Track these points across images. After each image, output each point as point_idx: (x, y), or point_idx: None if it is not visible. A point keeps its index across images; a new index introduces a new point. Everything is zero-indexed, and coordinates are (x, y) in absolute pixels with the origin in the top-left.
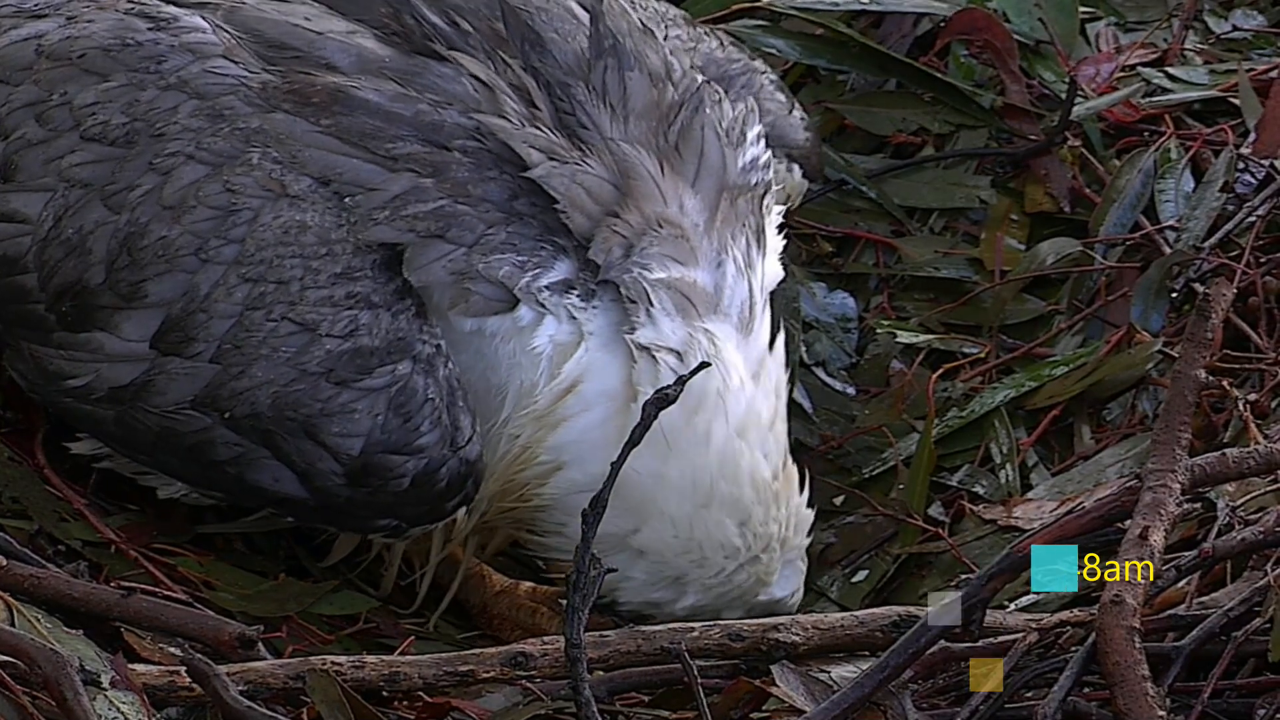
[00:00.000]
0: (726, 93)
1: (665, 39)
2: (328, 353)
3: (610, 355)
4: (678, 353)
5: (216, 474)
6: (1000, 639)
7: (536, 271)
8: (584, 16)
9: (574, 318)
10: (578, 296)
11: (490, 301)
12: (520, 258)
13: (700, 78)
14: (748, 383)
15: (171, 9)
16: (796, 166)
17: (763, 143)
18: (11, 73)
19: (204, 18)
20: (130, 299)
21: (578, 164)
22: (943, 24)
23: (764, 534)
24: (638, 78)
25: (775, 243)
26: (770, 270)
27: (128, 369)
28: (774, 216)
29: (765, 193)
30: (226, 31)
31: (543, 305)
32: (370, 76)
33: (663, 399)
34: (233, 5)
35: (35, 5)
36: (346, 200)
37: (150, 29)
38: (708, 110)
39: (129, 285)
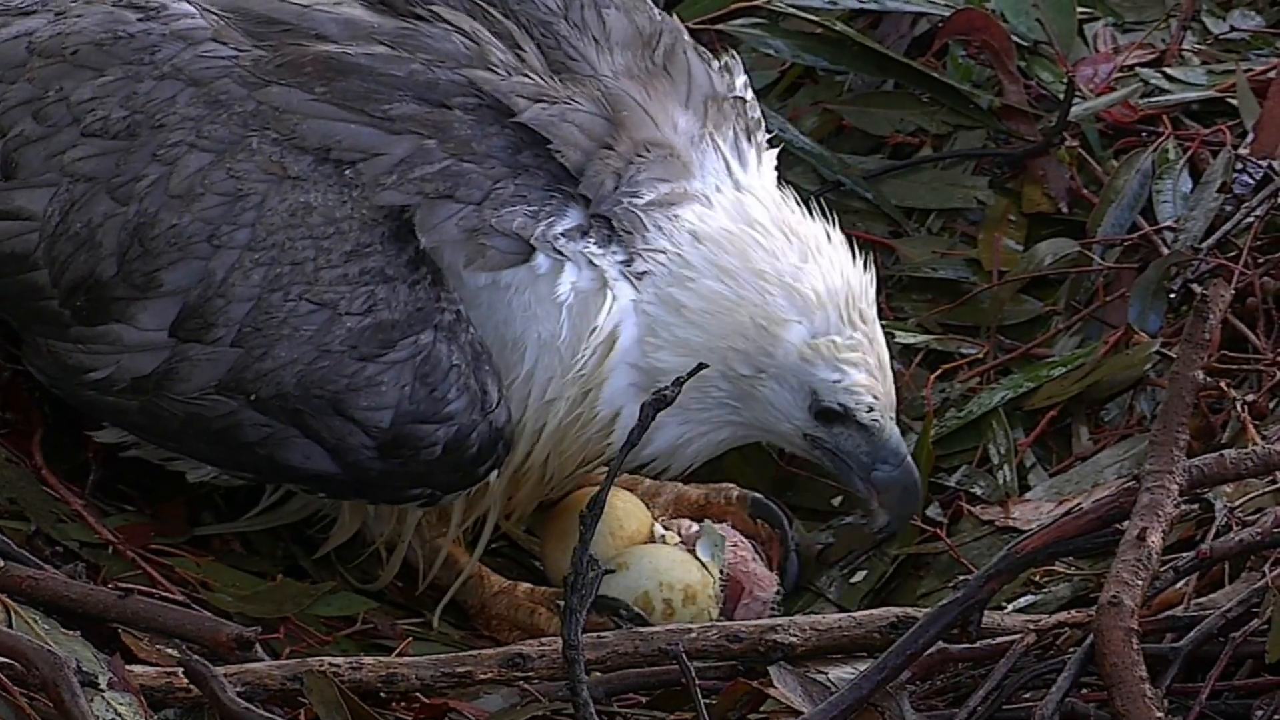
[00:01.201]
0: None
1: None
2: (349, 330)
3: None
4: None
5: (246, 455)
6: (998, 640)
7: (550, 220)
8: None
9: (594, 264)
10: (594, 242)
11: (506, 255)
12: (531, 208)
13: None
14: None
15: None
16: None
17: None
18: (4, 71)
19: (190, 2)
20: (145, 289)
21: (566, 103)
22: (941, 24)
23: None
24: (614, 12)
25: (764, 138)
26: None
27: (148, 358)
28: (760, 125)
29: (747, 101)
30: (214, 13)
31: (559, 253)
32: (361, 42)
33: (661, 400)
34: None
35: (21, 2)
36: (348, 171)
37: (140, 19)
38: (685, 35)
39: (143, 275)
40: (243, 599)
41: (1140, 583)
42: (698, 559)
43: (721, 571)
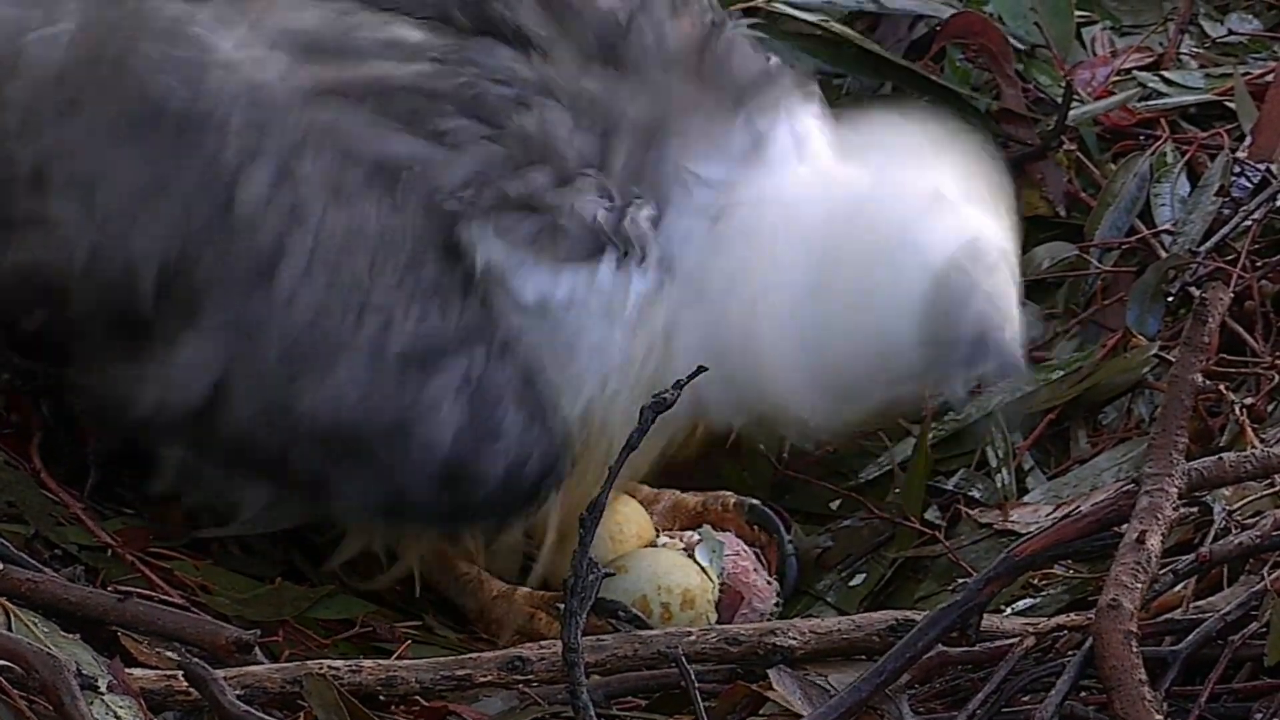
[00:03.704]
0: None
1: None
2: (405, 349)
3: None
4: None
5: (298, 485)
6: (997, 643)
7: (622, 215)
8: None
9: (656, 261)
10: (660, 239)
11: (575, 249)
12: (604, 203)
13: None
14: None
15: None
16: None
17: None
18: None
19: (232, 30)
20: (189, 317)
21: (629, 106)
22: (939, 27)
23: None
24: (669, 17)
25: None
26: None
27: (195, 390)
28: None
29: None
30: (258, 39)
31: (629, 245)
32: (407, 61)
33: (660, 403)
34: (259, 14)
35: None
36: (401, 186)
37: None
38: (731, 28)
39: (186, 305)
40: (240, 603)
41: (1139, 586)
42: (697, 563)
43: (720, 578)
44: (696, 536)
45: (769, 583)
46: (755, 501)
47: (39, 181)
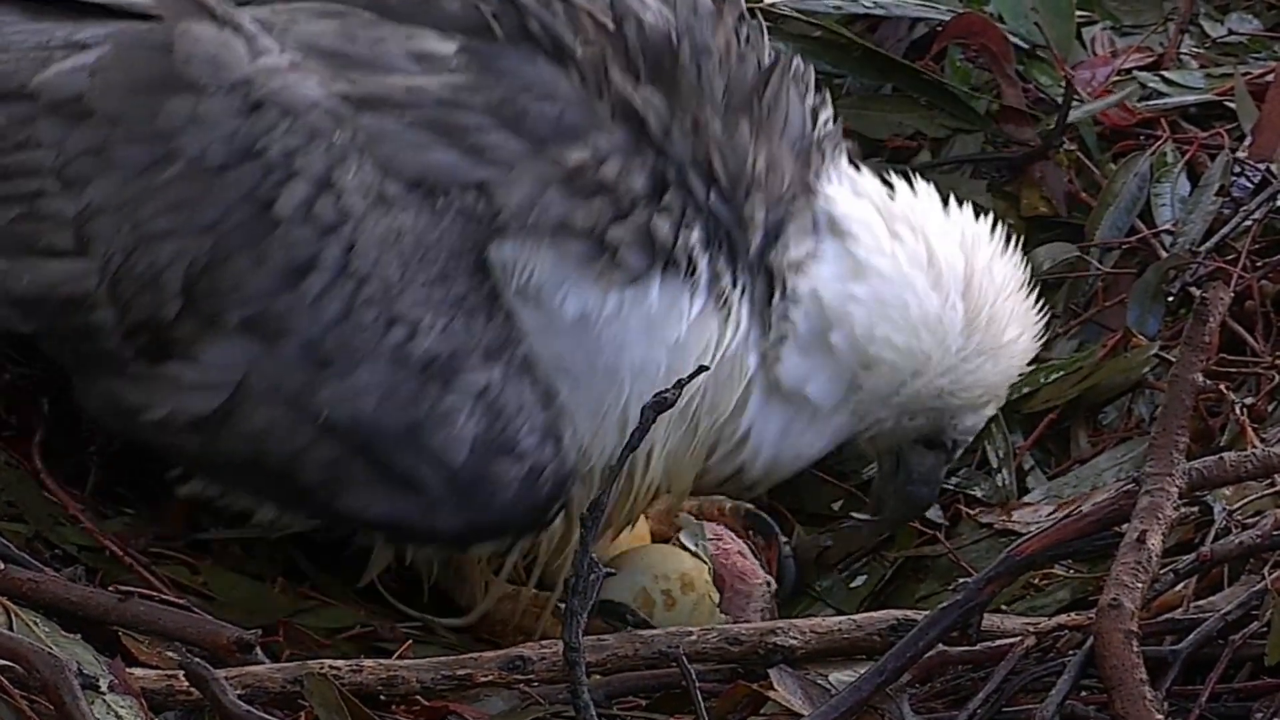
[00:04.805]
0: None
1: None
2: (427, 358)
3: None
4: None
5: (307, 498)
6: (998, 643)
7: (679, 231)
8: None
9: (719, 288)
10: (724, 259)
11: (612, 278)
12: (663, 219)
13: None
14: None
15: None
16: None
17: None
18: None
19: (269, 37)
20: (213, 320)
21: (669, 133)
22: (939, 28)
23: None
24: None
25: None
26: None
27: (211, 396)
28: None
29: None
30: (290, 47)
31: (682, 268)
32: (438, 73)
33: (661, 403)
34: (286, 23)
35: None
36: (441, 200)
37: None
38: (790, 73)
39: (211, 308)
40: (227, 606)
41: (1140, 585)
42: (685, 549)
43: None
44: (677, 526)
45: (754, 561)
46: (750, 506)
47: (69, 189)
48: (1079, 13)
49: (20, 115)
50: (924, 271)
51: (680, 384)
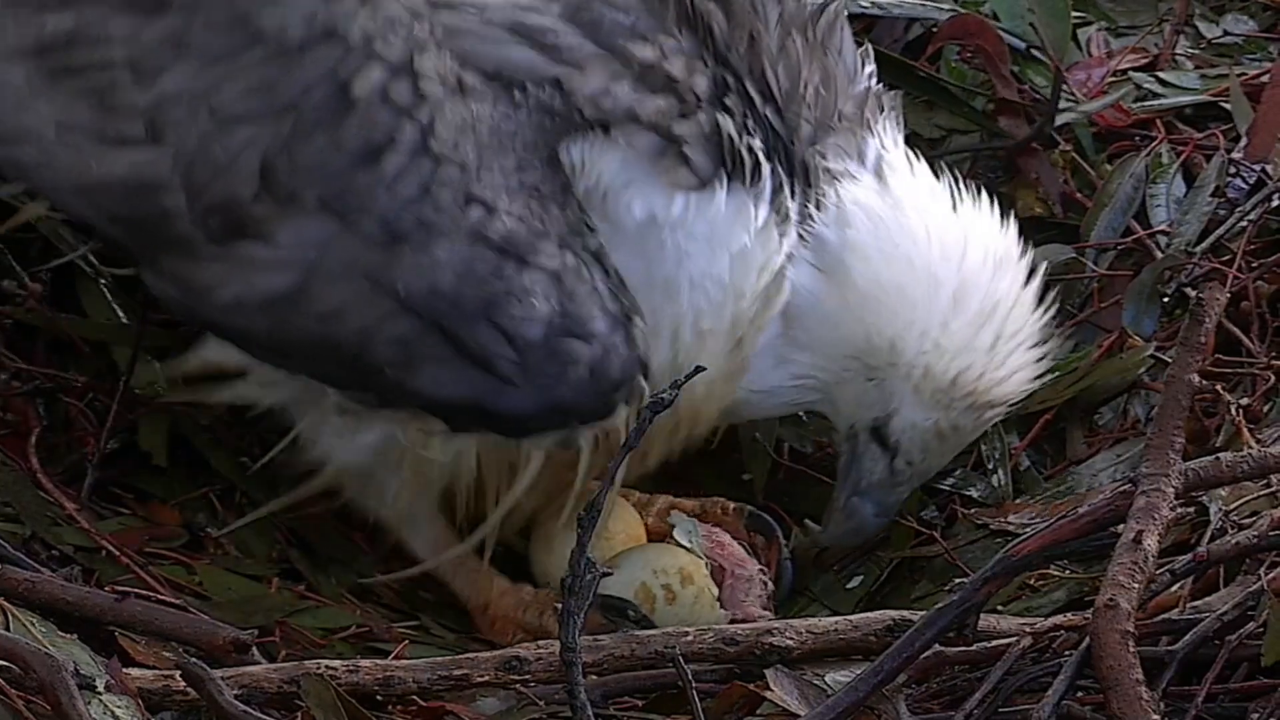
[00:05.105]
0: None
1: None
2: (506, 235)
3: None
4: None
5: (375, 378)
6: (994, 643)
7: (743, 136)
8: None
9: (778, 201)
10: (784, 170)
11: (681, 181)
12: (731, 126)
13: None
14: None
15: None
16: None
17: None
18: None
19: None
20: (290, 200)
21: (734, 54)
22: (935, 28)
23: None
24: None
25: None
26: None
27: (284, 275)
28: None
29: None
30: None
31: (748, 175)
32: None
33: (659, 403)
34: None
35: None
36: (518, 93)
37: None
38: (842, 15)
39: (287, 189)
40: (223, 606)
41: (1136, 586)
42: (680, 545)
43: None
44: (670, 523)
45: (747, 552)
46: (751, 507)
47: (141, 80)
48: (1075, 13)
49: (92, 17)
50: (943, 245)
51: (678, 385)
